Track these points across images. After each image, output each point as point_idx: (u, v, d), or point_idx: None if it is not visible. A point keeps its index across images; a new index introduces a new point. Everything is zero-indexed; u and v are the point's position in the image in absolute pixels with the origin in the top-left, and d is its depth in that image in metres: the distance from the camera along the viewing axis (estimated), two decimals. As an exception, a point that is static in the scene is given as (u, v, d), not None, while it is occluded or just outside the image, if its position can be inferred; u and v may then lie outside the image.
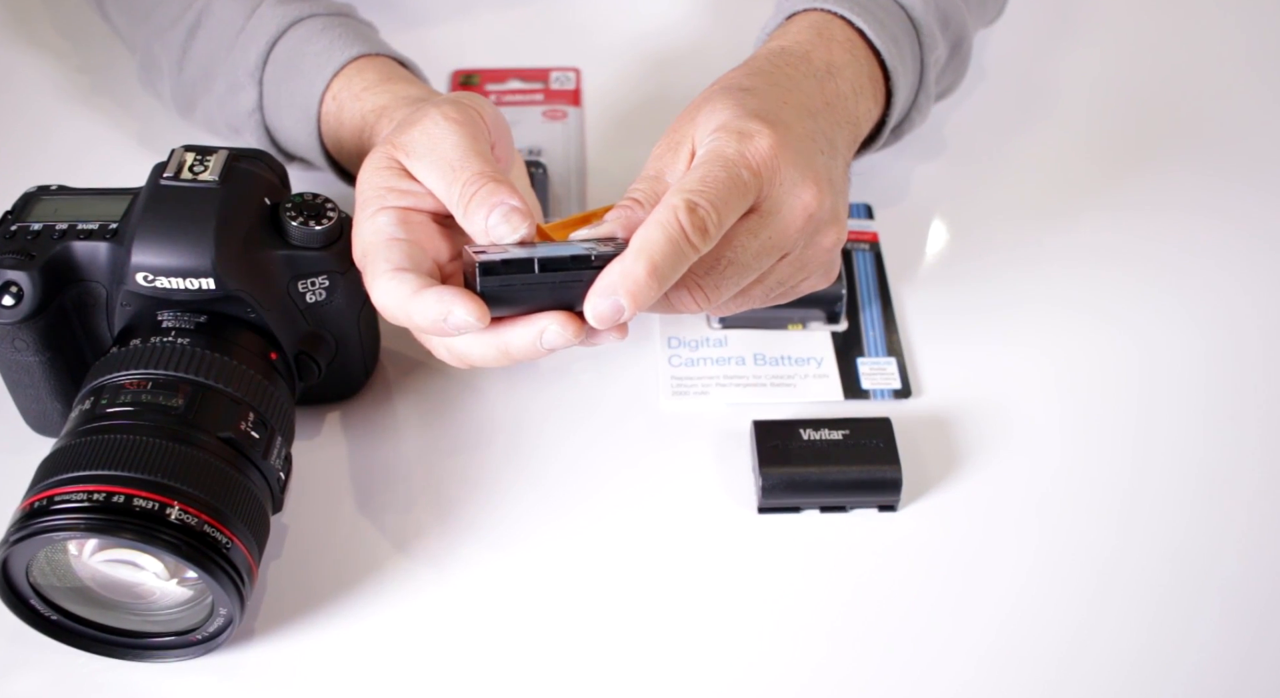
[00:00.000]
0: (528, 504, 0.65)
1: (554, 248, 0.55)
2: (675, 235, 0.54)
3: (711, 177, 0.56)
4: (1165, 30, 0.91)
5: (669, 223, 0.54)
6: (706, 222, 0.54)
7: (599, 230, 0.57)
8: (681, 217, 0.54)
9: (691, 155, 0.59)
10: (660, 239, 0.54)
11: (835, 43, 0.66)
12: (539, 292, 0.55)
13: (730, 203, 0.56)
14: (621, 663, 0.59)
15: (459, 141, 0.58)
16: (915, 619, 0.61)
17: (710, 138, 0.58)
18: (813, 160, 0.60)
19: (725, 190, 0.55)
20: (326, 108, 0.69)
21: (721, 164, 0.56)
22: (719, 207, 0.55)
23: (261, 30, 0.70)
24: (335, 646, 0.60)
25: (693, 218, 0.54)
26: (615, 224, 0.57)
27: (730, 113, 0.59)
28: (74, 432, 0.57)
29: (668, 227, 0.54)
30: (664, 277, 0.54)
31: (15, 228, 0.61)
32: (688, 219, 0.54)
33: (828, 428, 0.65)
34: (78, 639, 0.58)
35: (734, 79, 0.63)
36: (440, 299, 0.54)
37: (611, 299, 0.54)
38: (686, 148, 0.59)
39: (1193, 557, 0.63)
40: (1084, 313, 0.73)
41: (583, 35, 0.88)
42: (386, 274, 0.56)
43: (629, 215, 0.57)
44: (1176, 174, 0.81)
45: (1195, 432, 0.68)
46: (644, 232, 0.54)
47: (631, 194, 0.58)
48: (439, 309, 0.54)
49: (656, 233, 0.54)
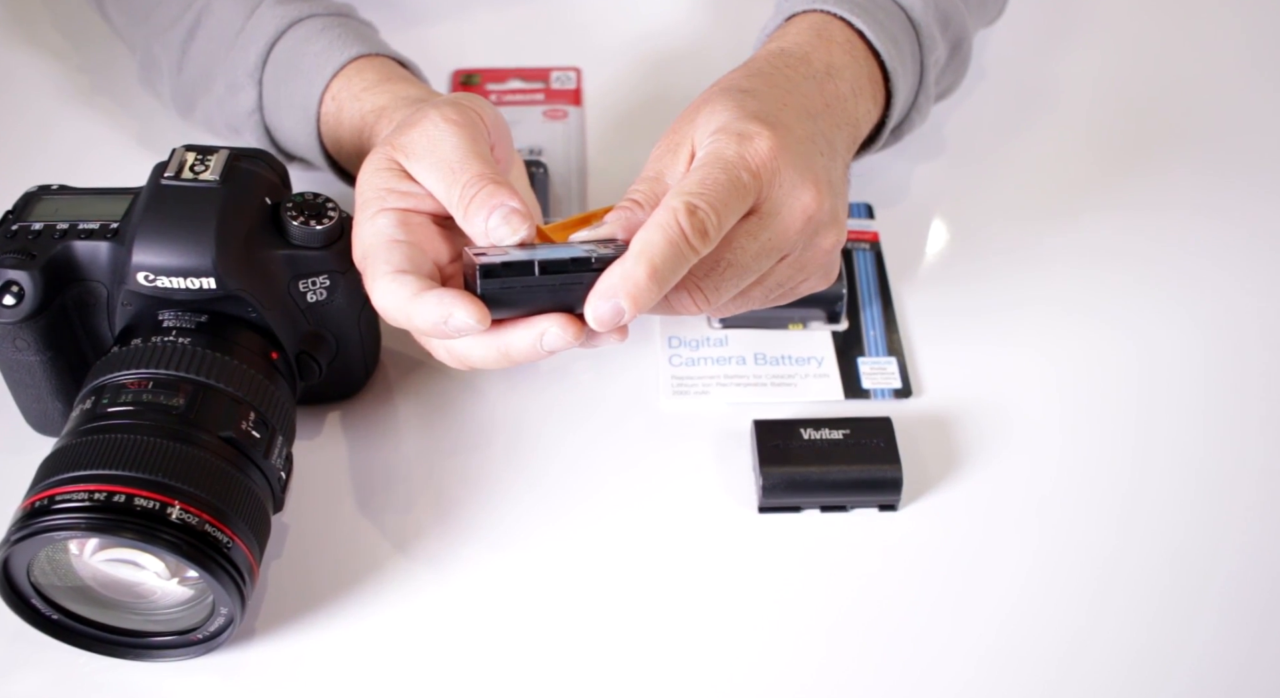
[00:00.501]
0: (528, 504, 0.65)
1: (554, 250, 0.55)
2: (675, 238, 0.54)
3: (711, 179, 0.56)
4: (1165, 30, 0.91)
5: (669, 225, 0.54)
6: (706, 224, 0.55)
7: (599, 232, 0.57)
8: (681, 219, 0.54)
9: (691, 156, 0.59)
10: (660, 241, 0.54)
11: (835, 44, 0.66)
12: (539, 294, 0.55)
13: (730, 205, 0.56)
14: (622, 663, 0.59)
15: (458, 143, 0.58)
16: (916, 619, 0.61)
17: (710, 139, 0.58)
18: (812, 162, 0.60)
19: (725, 192, 0.55)
20: (326, 108, 0.69)
21: (721, 166, 0.56)
22: (719, 209, 0.55)
23: (261, 30, 0.70)
24: (335, 645, 0.60)
25: (693, 220, 0.54)
26: (615, 226, 0.57)
27: (730, 114, 0.59)
28: (75, 431, 0.57)
29: (668, 229, 0.54)
30: (664, 279, 0.54)
31: (16, 227, 0.61)
32: (688, 222, 0.54)
33: (828, 428, 0.65)
34: (78, 639, 0.58)
35: (734, 80, 0.63)
36: (441, 301, 0.54)
37: (612, 301, 0.54)
38: (686, 149, 0.59)
39: (1193, 557, 0.63)
40: (1084, 313, 0.73)
41: (583, 35, 0.88)
42: (387, 276, 0.56)
43: (629, 217, 0.57)
44: (1177, 174, 0.81)
45: (1195, 432, 0.68)
46: (644, 234, 0.54)
47: (631, 195, 0.58)
48: (439, 311, 0.54)
49: (656, 235, 0.54)
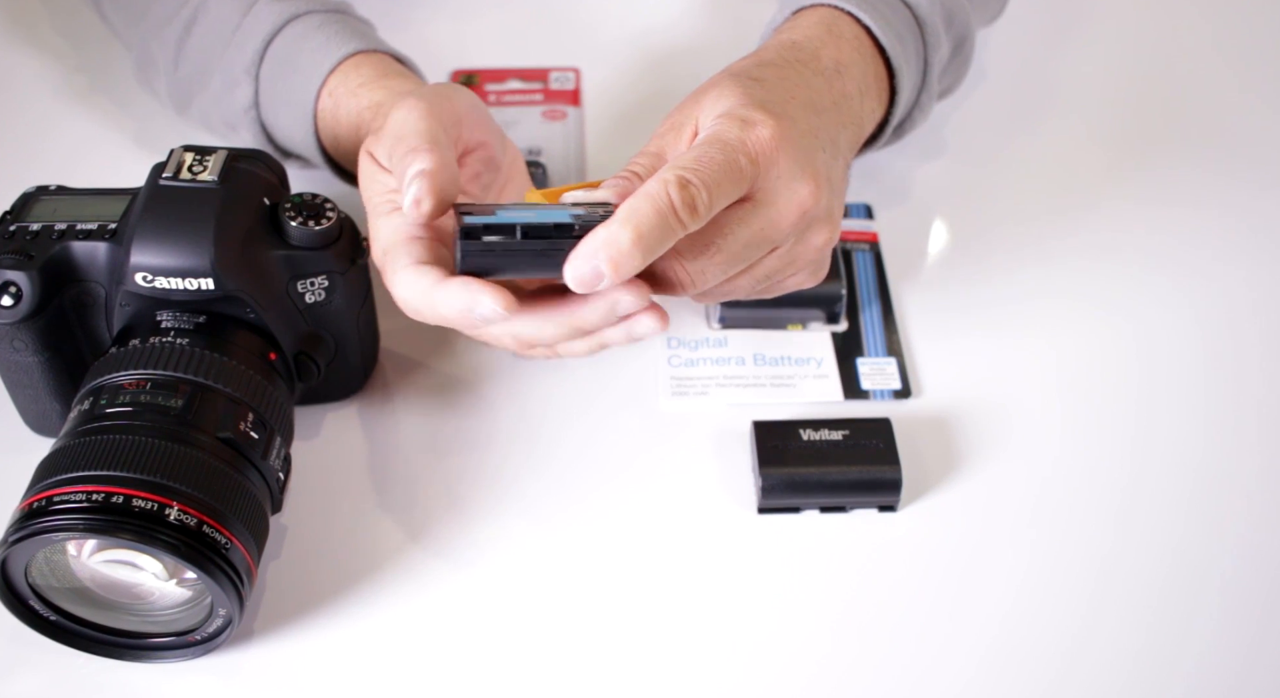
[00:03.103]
0: (527, 505, 0.65)
1: (541, 212, 0.55)
2: (664, 208, 0.54)
3: (708, 157, 0.56)
4: (1165, 29, 0.91)
5: (659, 195, 0.54)
6: (696, 200, 0.54)
7: (594, 194, 0.57)
8: (672, 191, 0.54)
9: (693, 136, 0.59)
10: (648, 210, 0.54)
11: (844, 40, 0.66)
12: (521, 258, 0.54)
13: (723, 186, 0.55)
14: (622, 664, 0.59)
15: (411, 127, 0.58)
16: (915, 619, 0.61)
17: (714, 122, 0.58)
18: (813, 157, 0.59)
19: (719, 172, 0.55)
20: (323, 104, 0.69)
21: (720, 147, 0.56)
22: (710, 187, 0.55)
23: (258, 26, 0.70)
24: (334, 646, 0.60)
25: (683, 194, 0.54)
26: (611, 192, 0.57)
27: (736, 99, 0.59)
28: (73, 432, 0.57)
29: (657, 199, 0.54)
30: (649, 248, 0.54)
31: (14, 228, 0.61)
32: (678, 194, 0.54)
33: (828, 428, 0.65)
34: (77, 640, 0.58)
35: (744, 67, 0.63)
36: (466, 288, 0.54)
37: (592, 263, 0.53)
38: (689, 129, 0.59)
39: (1192, 557, 0.63)
40: (1084, 313, 0.73)
41: (582, 35, 0.88)
42: (407, 267, 0.56)
43: (626, 186, 0.57)
44: (1179, 173, 0.80)
45: (1196, 433, 0.68)
46: (633, 201, 0.54)
47: (631, 166, 0.59)
48: (466, 298, 0.54)
49: (645, 204, 0.54)
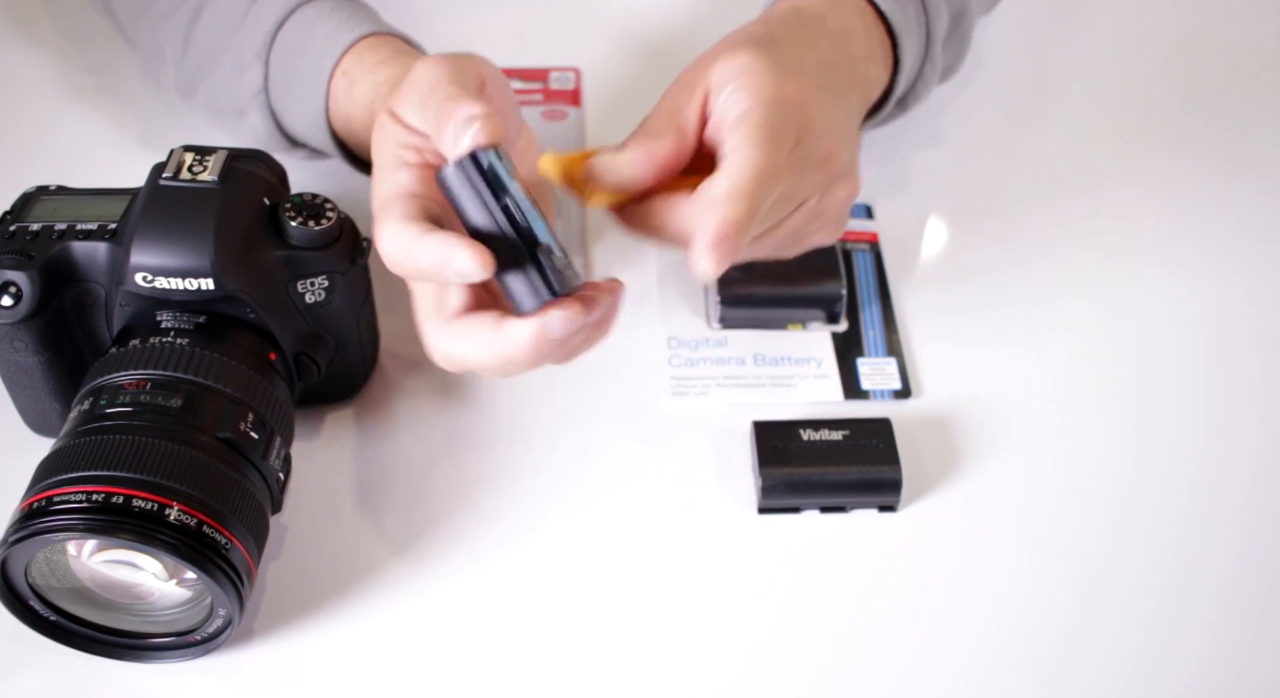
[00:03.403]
0: (526, 505, 0.65)
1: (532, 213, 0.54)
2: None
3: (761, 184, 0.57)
4: (1166, 22, 0.91)
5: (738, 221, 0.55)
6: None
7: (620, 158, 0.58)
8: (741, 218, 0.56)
9: (705, 98, 0.60)
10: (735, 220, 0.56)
11: (847, 7, 0.67)
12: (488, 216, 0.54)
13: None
14: (621, 664, 0.59)
15: (437, 77, 0.58)
16: (915, 620, 0.61)
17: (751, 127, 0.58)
18: (833, 114, 0.61)
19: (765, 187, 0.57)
20: (336, 83, 0.68)
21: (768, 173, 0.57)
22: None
23: (269, 11, 0.70)
24: (335, 646, 0.60)
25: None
26: (636, 152, 0.58)
27: (750, 57, 0.59)
28: (73, 432, 0.57)
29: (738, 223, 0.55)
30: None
31: (14, 228, 0.61)
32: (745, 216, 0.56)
33: (828, 429, 0.65)
34: (77, 640, 0.58)
35: (752, 31, 0.63)
36: (446, 242, 0.53)
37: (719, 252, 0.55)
38: (701, 89, 0.60)
39: (1192, 557, 0.63)
40: (1084, 313, 0.73)
41: (582, 35, 0.88)
42: (394, 220, 0.56)
43: (649, 145, 0.58)
44: (1180, 171, 0.80)
45: (1196, 433, 0.68)
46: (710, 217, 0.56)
47: (647, 126, 0.60)
48: (443, 251, 0.53)
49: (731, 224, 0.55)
